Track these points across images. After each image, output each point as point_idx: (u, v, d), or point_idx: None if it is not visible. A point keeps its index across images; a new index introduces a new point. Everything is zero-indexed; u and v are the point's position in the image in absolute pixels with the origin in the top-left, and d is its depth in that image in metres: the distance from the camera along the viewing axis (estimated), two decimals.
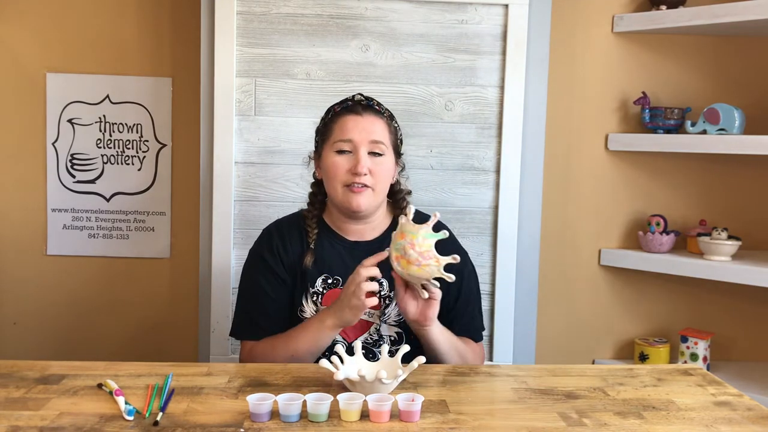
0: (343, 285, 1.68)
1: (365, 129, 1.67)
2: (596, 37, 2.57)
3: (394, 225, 1.75)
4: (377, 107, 1.73)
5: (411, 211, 1.53)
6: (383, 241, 1.71)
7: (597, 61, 2.58)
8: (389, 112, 1.76)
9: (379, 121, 1.70)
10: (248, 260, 1.79)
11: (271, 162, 2.28)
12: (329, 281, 1.71)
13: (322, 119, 1.77)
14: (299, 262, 1.72)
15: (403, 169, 1.80)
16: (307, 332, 1.62)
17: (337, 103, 1.76)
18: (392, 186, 1.77)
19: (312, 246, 1.72)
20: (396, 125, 1.76)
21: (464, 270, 1.75)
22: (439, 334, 1.62)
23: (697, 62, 2.59)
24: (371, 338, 1.69)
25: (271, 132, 2.27)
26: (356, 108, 1.70)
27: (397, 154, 1.75)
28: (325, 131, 1.73)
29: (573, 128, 2.59)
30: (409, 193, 1.82)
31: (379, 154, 1.68)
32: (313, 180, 1.80)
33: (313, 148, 1.79)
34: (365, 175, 1.65)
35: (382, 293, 1.69)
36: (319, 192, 1.78)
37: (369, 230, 1.75)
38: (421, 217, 1.54)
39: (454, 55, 2.29)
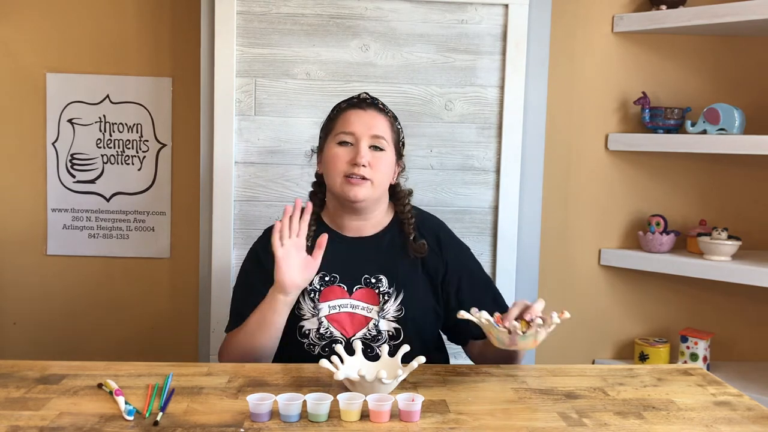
0: (340, 282, 1.71)
1: (367, 123, 1.70)
2: (596, 37, 2.56)
3: (394, 223, 1.77)
4: (381, 106, 1.77)
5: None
6: (382, 237, 1.74)
7: (597, 61, 2.58)
8: (393, 113, 1.79)
9: (382, 117, 1.73)
10: (246, 259, 1.83)
11: (271, 162, 2.28)
12: (326, 278, 1.72)
13: (328, 116, 1.80)
14: None
15: (403, 170, 1.82)
16: (257, 309, 1.65)
17: (343, 101, 1.79)
18: (393, 187, 1.78)
19: (309, 244, 1.72)
20: (399, 127, 1.79)
21: (469, 264, 1.79)
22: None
23: (697, 62, 2.59)
24: (369, 334, 1.69)
25: (271, 132, 2.27)
26: (360, 104, 1.74)
27: (399, 153, 1.78)
28: (329, 126, 1.76)
29: (573, 128, 2.59)
30: (410, 193, 1.82)
31: (380, 149, 1.70)
32: (315, 178, 1.82)
33: (317, 144, 1.81)
34: (364, 166, 1.66)
35: (381, 289, 1.70)
36: (319, 191, 1.80)
37: (368, 227, 1.75)
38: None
39: (454, 55, 2.28)
